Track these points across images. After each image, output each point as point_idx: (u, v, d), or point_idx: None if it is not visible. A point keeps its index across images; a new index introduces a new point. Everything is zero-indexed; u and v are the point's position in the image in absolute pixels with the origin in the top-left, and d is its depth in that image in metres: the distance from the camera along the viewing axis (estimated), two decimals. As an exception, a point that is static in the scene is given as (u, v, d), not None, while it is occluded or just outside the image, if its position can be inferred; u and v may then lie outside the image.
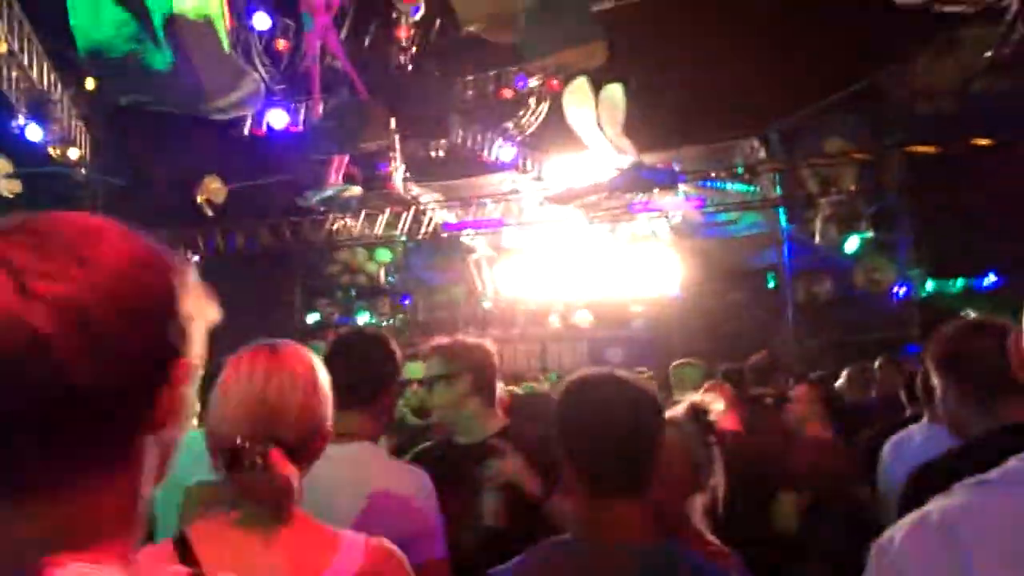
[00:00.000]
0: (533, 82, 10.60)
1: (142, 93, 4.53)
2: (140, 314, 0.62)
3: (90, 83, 9.54)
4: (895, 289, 10.96)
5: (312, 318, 14.67)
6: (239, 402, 1.26)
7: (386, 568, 1.29)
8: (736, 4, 7.60)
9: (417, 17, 9.83)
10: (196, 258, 12.70)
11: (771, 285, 12.61)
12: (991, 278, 11.19)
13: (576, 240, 12.95)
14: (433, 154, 11.38)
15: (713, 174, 11.23)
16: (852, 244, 10.98)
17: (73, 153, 10.06)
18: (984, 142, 9.17)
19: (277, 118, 10.92)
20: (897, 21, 7.82)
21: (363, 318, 14.57)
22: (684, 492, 1.80)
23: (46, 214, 0.63)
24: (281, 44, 10.15)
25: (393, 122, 9.61)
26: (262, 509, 1.23)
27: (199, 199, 11.65)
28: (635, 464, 1.43)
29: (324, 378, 1.37)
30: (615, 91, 8.23)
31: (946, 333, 1.87)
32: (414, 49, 10.11)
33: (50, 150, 9.76)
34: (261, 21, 9.89)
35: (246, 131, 10.64)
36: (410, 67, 10.14)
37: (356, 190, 11.30)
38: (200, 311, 0.70)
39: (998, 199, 9.21)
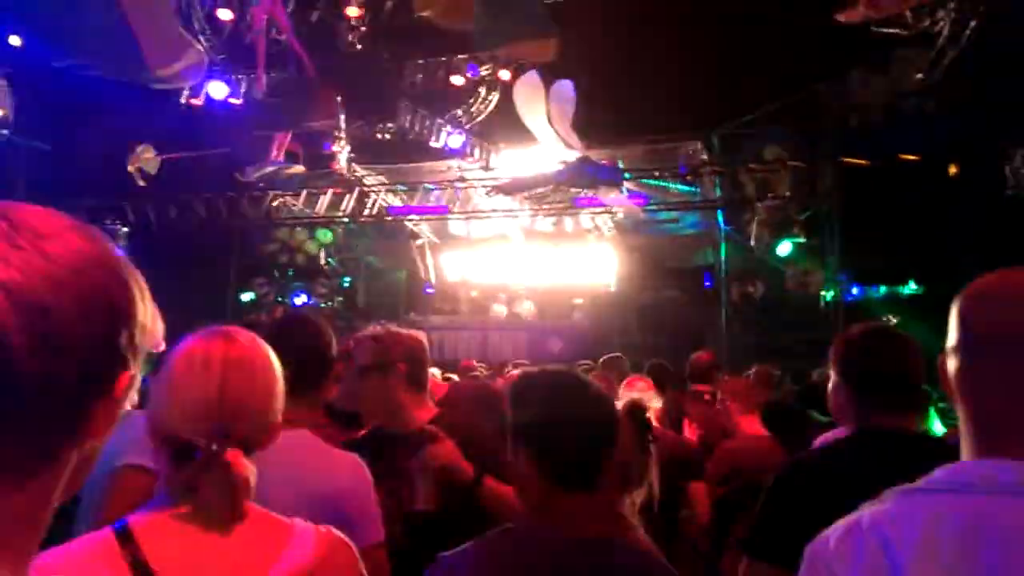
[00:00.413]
0: (484, 71, 10.56)
1: (79, 57, 4.31)
2: (96, 316, 0.61)
3: (15, 40, 9.01)
4: (823, 293, 11.43)
5: (246, 297, 14.30)
6: (195, 398, 1.23)
7: (338, 558, 1.29)
8: (685, 12, 7.76)
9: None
10: (124, 230, 12.23)
11: (708, 284, 12.96)
12: (912, 286, 11.82)
13: (520, 231, 13.02)
14: (380, 136, 11.20)
15: (656, 173, 11.44)
16: (784, 248, 11.38)
17: (-6, 113, 9.50)
18: (911, 158, 9.65)
19: (217, 89, 10.56)
20: (836, 37, 8.13)
21: (301, 299, 14.29)
22: (622, 489, 1.86)
23: (18, 204, 0.62)
24: (225, 14, 9.79)
25: (340, 101, 9.43)
26: (218, 505, 1.20)
27: (130, 168, 11.19)
28: (595, 459, 1.47)
29: (279, 371, 1.35)
30: (565, 86, 8.28)
31: (844, 336, 1.97)
32: (363, 29, 9.90)
33: (-32, 109, 9.20)
34: (205, -12, 9.53)
35: (183, 100, 10.26)
36: (359, 47, 9.94)
37: (299, 168, 11.06)
38: (152, 326, 0.69)
39: (920, 213, 9.72)
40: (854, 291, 11.67)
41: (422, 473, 2.12)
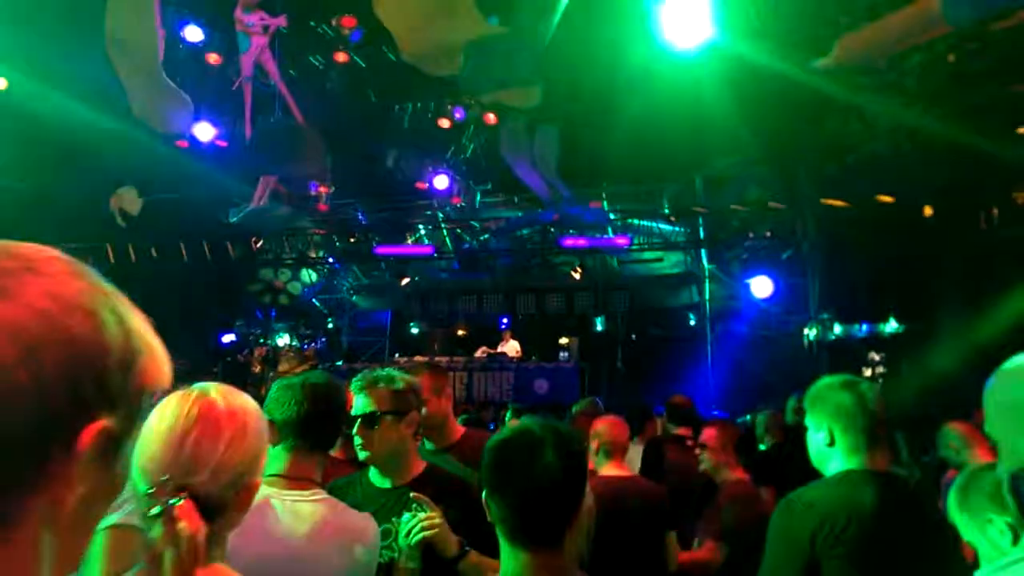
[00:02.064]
0: (471, 114, 10.71)
1: (63, 103, 4.31)
2: (47, 361, 0.54)
3: (1, 82, 9.02)
4: (806, 331, 11.52)
5: (228, 338, 14.15)
6: (157, 449, 1.22)
7: None
8: (669, 60, 7.96)
9: (357, 42, 9.78)
10: (101, 273, 12.11)
11: (691, 322, 13.04)
12: (893, 324, 11.94)
13: (506, 270, 13.06)
14: (366, 177, 11.28)
15: (641, 214, 11.59)
16: (766, 287, 11.51)
17: (-24, 156, 9.45)
18: (887, 199, 9.86)
19: (203, 131, 10.60)
20: (815, 83, 8.34)
21: (283, 340, 14.16)
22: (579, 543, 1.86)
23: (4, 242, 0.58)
24: (213, 58, 9.88)
25: (326, 145, 9.49)
26: (169, 563, 1.14)
27: (112, 209, 11.15)
28: (561, 518, 1.46)
29: (257, 428, 1.33)
30: (550, 132, 8.41)
31: (822, 386, 2.12)
32: (352, 73, 10.03)
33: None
34: (193, 34, 9.62)
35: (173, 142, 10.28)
36: (347, 91, 10.05)
37: (284, 210, 11.07)
38: (148, 364, 0.62)
39: (898, 253, 9.89)
40: (836, 330, 11.79)
41: (406, 543, 2.09)
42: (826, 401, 2.03)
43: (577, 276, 13.06)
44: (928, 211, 10.03)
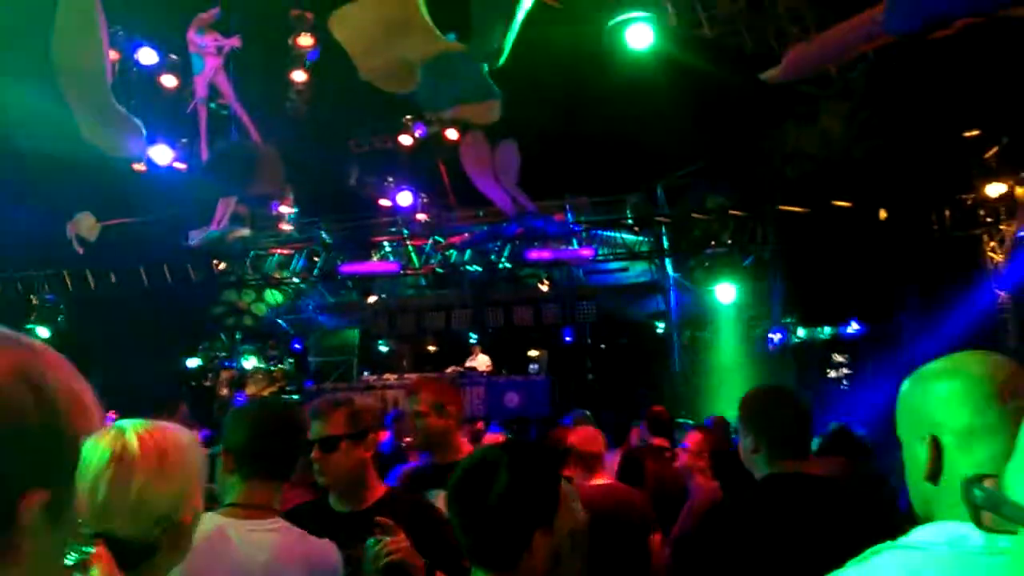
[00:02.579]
0: (431, 131, 10.72)
1: (13, 132, 4.23)
2: None
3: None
4: (770, 335, 11.70)
5: (193, 363, 13.89)
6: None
7: None
8: (626, 73, 8.08)
9: (314, 61, 9.75)
10: (61, 305, 11.85)
11: (658, 331, 13.16)
12: (854, 326, 12.20)
13: (472, 284, 13.06)
14: (328, 196, 11.21)
15: (604, 225, 11.69)
16: (730, 293, 11.67)
17: (-77, 185, 9.18)
18: (844, 204, 10.09)
19: (160, 154, 10.44)
20: (768, 92, 8.53)
21: (250, 362, 13.95)
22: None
23: None
24: (168, 80, 9.76)
25: (285, 164, 9.41)
26: None
27: (69, 235, 10.89)
28: (513, 541, 1.45)
29: (182, 463, 1.27)
30: (510, 147, 8.46)
31: (750, 395, 2.23)
32: (310, 92, 9.98)
33: None
34: (147, 56, 9.50)
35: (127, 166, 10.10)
36: (306, 110, 10.00)
37: (245, 231, 10.93)
38: (83, 424, 0.63)
39: (856, 256, 10.12)
40: (800, 333, 11.99)
41: (374, 562, 2.07)
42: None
43: (544, 288, 13.11)
44: (883, 214, 10.28)
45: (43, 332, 11.33)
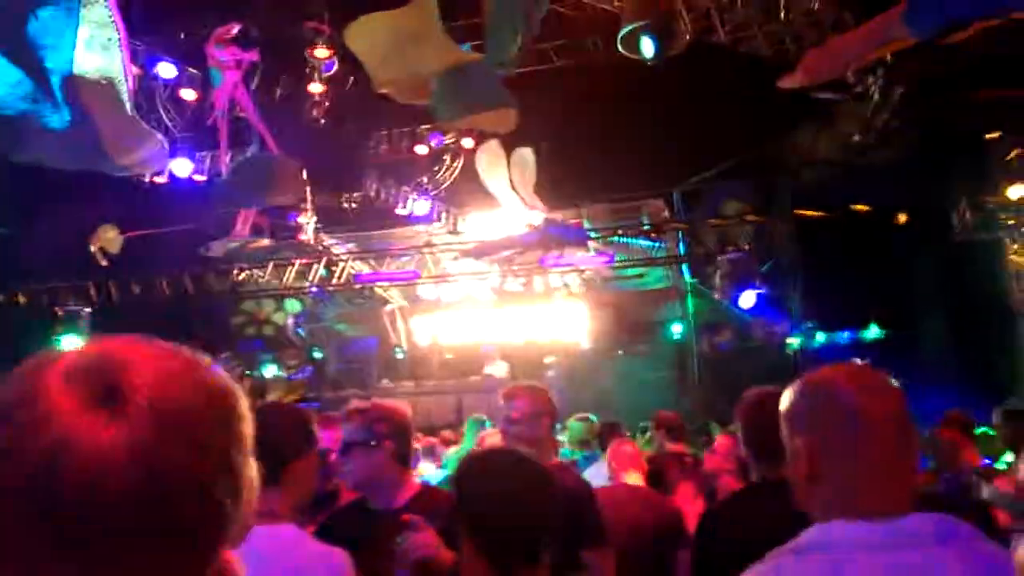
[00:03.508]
0: (447, 140, 10.79)
1: (37, 152, 4.29)
2: None
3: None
4: (789, 341, 11.60)
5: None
6: None
7: None
8: (640, 78, 8.08)
9: (330, 72, 9.85)
10: (87, 310, 12.02)
11: (677, 337, 13.08)
12: (874, 331, 12.07)
13: (490, 293, 13.07)
14: (346, 206, 11.30)
15: (620, 231, 11.66)
16: (749, 299, 11.58)
17: (-48, 199, 9.39)
18: (862, 208, 10.01)
19: (181, 167, 10.61)
20: (784, 97, 8.49)
21: (269, 371, 14.07)
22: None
23: None
24: (188, 93, 9.91)
25: (304, 174, 9.50)
26: None
27: (92, 248, 11.07)
28: (535, 535, 1.47)
29: None
30: (526, 154, 8.48)
31: (739, 402, 2.28)
32: (327, 104, 10.09)
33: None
34: (166, 71, 9.66)
35: (147, 179, 10.26)
36: (323, 121, 10.10)
37: (264, 241, 11.04)
38: None
39: (875, 260, 10.03)
40: (819, 338, 11.88)
41: (401, 564, 2.10)
42: None
43: (561, 295, 13.10)
44: (902, 218, 10.19)
45: (75, 340, 11.50)
